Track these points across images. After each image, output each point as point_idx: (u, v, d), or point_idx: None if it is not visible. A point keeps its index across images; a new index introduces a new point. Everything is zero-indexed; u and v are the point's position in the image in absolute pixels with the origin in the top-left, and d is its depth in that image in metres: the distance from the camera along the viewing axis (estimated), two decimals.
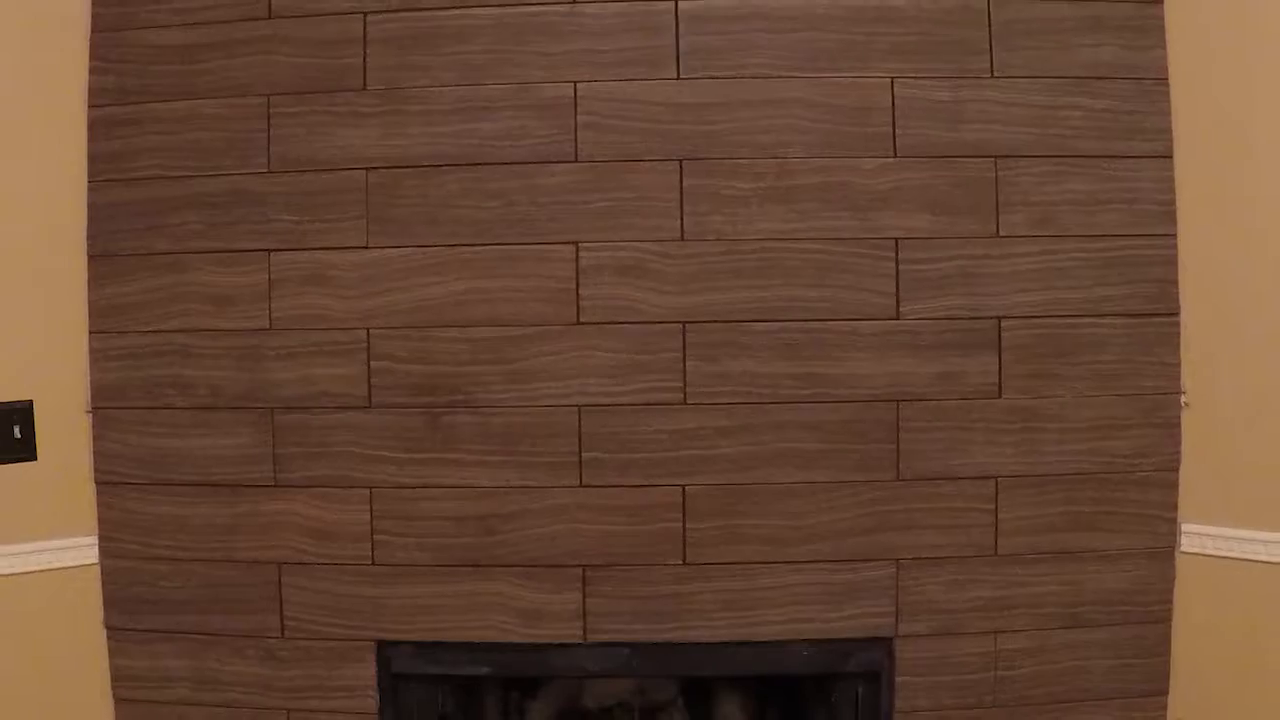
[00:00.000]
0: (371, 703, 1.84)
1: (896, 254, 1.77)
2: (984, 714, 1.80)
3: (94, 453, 1.87)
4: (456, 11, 1.77)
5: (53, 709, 1.84)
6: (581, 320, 1.80)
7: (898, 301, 1.77)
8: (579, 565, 1.82)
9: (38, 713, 1.82)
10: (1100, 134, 1.76)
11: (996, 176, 1.76)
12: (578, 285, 1.79)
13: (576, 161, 1.78)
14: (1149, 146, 1.76)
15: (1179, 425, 1.79)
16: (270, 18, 1.79)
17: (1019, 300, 1.77)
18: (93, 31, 1.82)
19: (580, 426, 1.80)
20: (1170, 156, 1.77)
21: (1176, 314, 1.78)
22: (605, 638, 1.83)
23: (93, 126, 1.83)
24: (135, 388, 1.85)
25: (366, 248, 1.80)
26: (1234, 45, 1.70)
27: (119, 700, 1.88)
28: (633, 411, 1.80)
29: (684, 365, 1.79)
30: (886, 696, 1.81)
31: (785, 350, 1.78)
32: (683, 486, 1.81)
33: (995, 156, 1.76)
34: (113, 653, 1.89)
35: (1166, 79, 1.76)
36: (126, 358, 1.85)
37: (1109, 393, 1.78)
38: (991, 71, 1.76)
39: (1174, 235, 1.77)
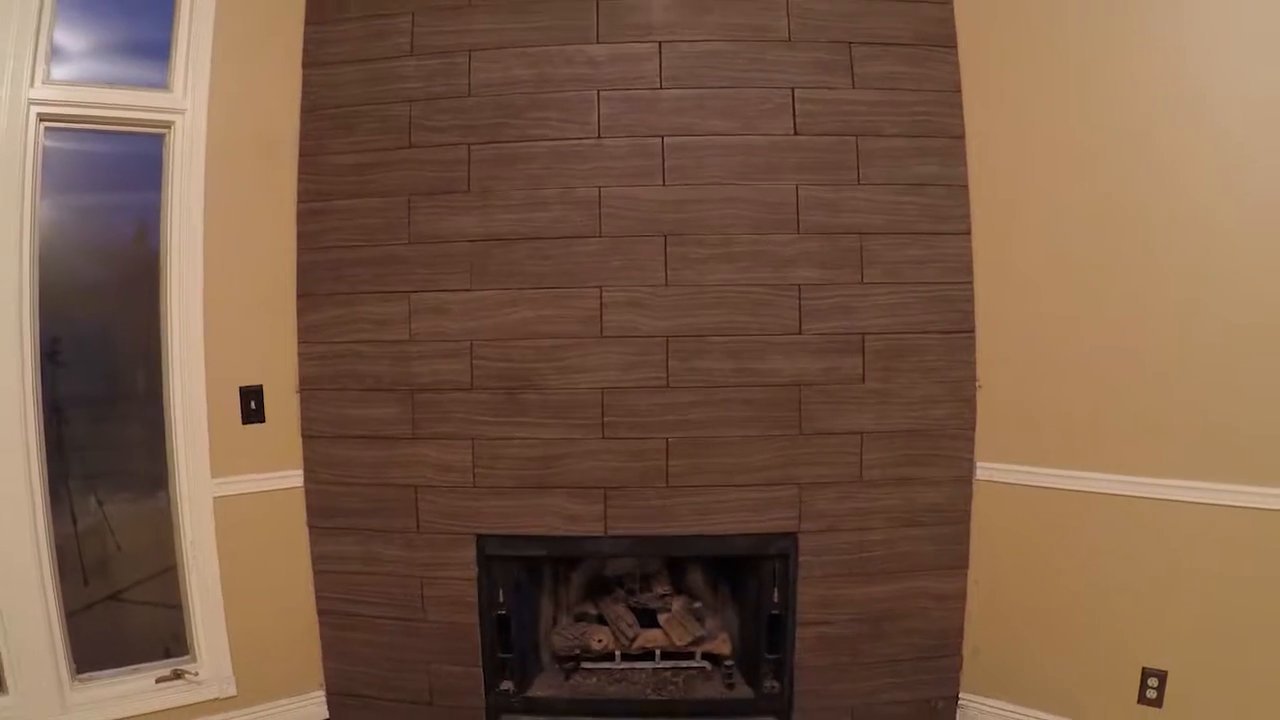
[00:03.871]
0: (473, 573, 2.69)
1: (800, 295, 2.58)
2: (853, 579, 2.65)
3: (301, 417, 2.74)
4: (524, 143, 2.63)
5: (280, 578, 2.74)
6: (604, 335, 2.59)
7: (800, 323, 2.59)
8: (602, 488, 2.63)
9: (272, 579, 2.72)
10: (927, 219, 2.59)
11: (861, 246, 2.58)
12: (601, 314, 2.60)
13: (600, 237, 2.59)
14: (956, 227, 2.60)
15: (975, 401, 2.62)
16: (410, 147, 2.66)
17: (876, 323, 2.59)
18: (300, 156, 2.71)
19: (603, 401, 2.60)
20: (969, 234, 2.59)
21: (972, 331, 2.61)
22: (618, 533, 2.63)
23: (300, 216, 2.71)
24: (326, 377, 2.72)
25: (470, 290, 2.64)
26: (1007, 165, 2.55)
27: (317, 573, 2.78)
28: (635, 392, 2.59)
29: (667, 363, 2.59)
30: (793, 569, 2.64)
31: (730, 354, 2.59)
32: (666, 439, 2.60)
33: (861, 233, 2.58)
34: (312, 542, 2.77)
35: (967, 185, 2.59)
36: (320, 359, 2.73)
37: (931, 381, 2.61)
38: (859, 180, 2.58)
39: (971, 283, 2.60)
